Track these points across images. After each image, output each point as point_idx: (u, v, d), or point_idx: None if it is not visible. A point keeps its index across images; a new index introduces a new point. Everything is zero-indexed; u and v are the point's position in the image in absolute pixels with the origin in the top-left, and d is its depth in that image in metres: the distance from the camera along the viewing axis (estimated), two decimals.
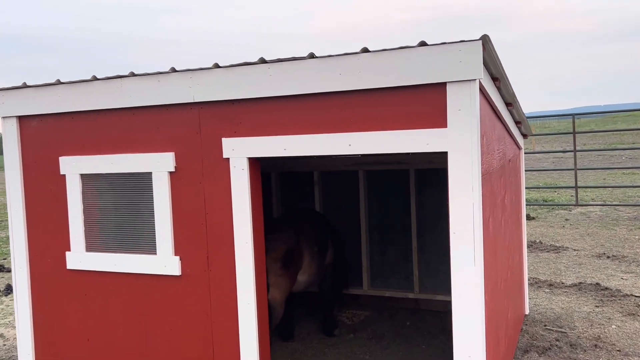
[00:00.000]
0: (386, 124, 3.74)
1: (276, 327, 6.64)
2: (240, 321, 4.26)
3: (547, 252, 10.66)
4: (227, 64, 4.10)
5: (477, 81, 3.51)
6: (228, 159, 4.20)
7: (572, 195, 17.36)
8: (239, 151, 4.14)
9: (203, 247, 4.36)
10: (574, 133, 14.72)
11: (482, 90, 3.86)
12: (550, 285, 8.42)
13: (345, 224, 7.91)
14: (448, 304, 7.44)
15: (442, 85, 3.55)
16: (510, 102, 5.21)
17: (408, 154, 7.66)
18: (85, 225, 4.79)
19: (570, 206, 15.56)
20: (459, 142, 3.53)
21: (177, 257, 4.43)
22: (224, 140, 4.20)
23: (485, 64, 3.75)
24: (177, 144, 4.38)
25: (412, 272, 7.54)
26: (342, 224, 7.92)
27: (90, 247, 4.80)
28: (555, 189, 18.53)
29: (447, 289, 7.50)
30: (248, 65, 4.03)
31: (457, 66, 3.46)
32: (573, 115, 14.65)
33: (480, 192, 3.60)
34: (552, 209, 15.53)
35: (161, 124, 4.42)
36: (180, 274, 4.44)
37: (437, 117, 3.60)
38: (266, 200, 8.26)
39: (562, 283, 8.50)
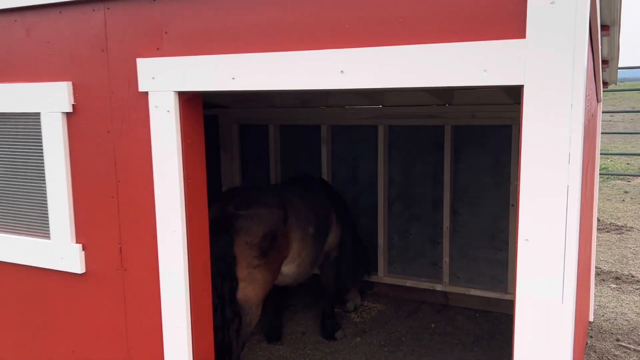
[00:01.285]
0: (405, 33, 2.03)
1: (264, 326, 5.14)
2: (165, 352, 2.72)
3: (607, 232, 8.84)
4: None
5: None
6: (146, 93, 2.57)
7: (628, 164, 15.28)
8: (162, 81, 2.50)
9: (114, 233, 2.79)
10: None
11: None
12: (617, 278, 6.69)
13: (359, 194, 6.27)
14: (486, 302, 5.83)
15: None
16: (608, 25, 3.41)
17: (444, 104, 5.96)
18: None
19: (629, 176, 13.54)
20: (549, 68, 1.81)
21: (79, 246, 2.88)
22: (139, 62, 2.56)
23: None
24: (75, 68, 2.76)
25: (441, 257, 5.90)
26: (355, 193, 6.28)
27: None
28: (608, 156, 16.39)
29: (485, 283, 5.88)
30: None
31: None
32: None
33: (581, 165, 1.90)
34: (607, 178, 13.53)
35: (53, 37, 2.80)
36: (83, 271, 2.89)
37: (506, 18, 1.88)
38: (263, 161, 6.65)
39: (632, 276, 6.74)
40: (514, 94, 5.08)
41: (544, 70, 1.81)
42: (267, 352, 4.92)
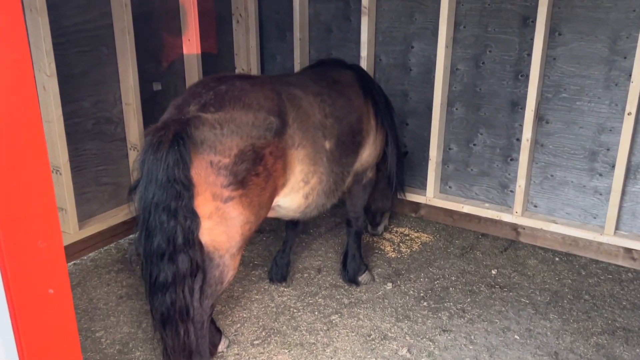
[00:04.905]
0: None
1: (272, 263, 3.92)
2: None
3: None
4: None
5: None
6: None
7: None
8: None
9: None
10: None
11: None
12: None
13: (410, 87, 4.67)
14: (572, 242, 4.14)
15: None
16: None
17: None
18: None
19: None
20: None
21: None
22: None
23: None
24: None
25: (514, 178, 4.36)
26: (404, 85, 4.69)
27: None
28: None
29: (573, 217, 4.23)
30: None
31: None
32: None
33: None
34: None
35: None
36: None
37: None
38: (287, 36, 5.10)
39: None
40: None
41: None
42: (266, 295, 3.73)
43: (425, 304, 3.65)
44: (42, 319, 1.39)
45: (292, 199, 3.01)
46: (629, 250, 4.02)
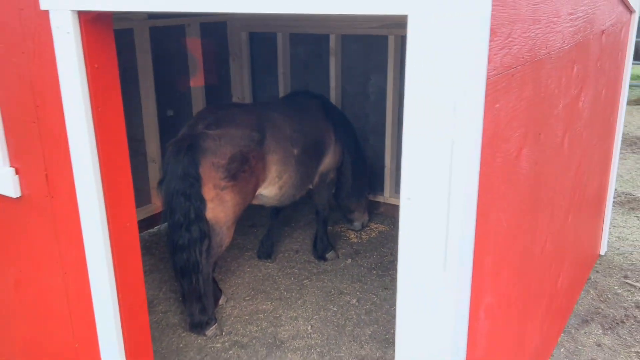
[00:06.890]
0: None
1: (259, 244, 5.14)
2: (93, 290, 2.71)
3: None
4: None
5: None
6: (47, 12, 2.35)
7: None
8: None
9: (40, 160, 2.71)
10: None
11: None
12: None
13: (369, 111, 5.93)
14: None
15: None
16: None
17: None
18: None
19: None
20: None
21: (12, 170, 2.83)
22: None
23: None
24: None
25: None
26: (365, 110, 5.95)
27: None
28: None
29: None
30: None
31: None
32: None
33: (482, 111, 1.58)
34: None
35: None
36: (18, 195, 2.87)
37: None
38: (273, 72, 6.37)
39: None
40: None
41: None
42: (255, 269, 4.94)
43: (374, 272, 4.85)
44: (133, 292, 2.63)
45: (270, 190, 4.25)
46: None
